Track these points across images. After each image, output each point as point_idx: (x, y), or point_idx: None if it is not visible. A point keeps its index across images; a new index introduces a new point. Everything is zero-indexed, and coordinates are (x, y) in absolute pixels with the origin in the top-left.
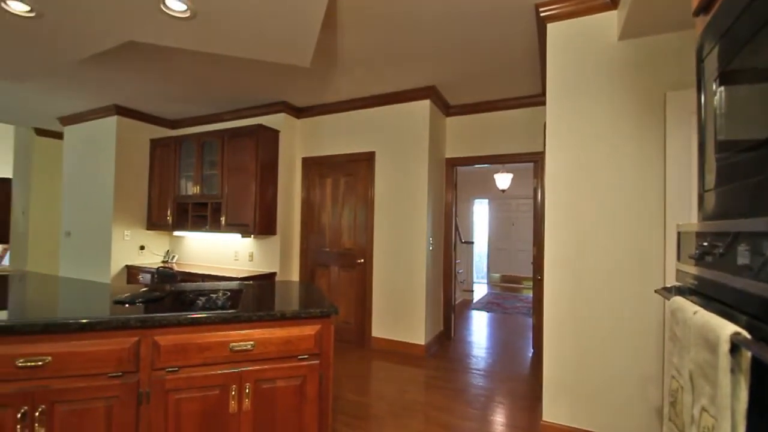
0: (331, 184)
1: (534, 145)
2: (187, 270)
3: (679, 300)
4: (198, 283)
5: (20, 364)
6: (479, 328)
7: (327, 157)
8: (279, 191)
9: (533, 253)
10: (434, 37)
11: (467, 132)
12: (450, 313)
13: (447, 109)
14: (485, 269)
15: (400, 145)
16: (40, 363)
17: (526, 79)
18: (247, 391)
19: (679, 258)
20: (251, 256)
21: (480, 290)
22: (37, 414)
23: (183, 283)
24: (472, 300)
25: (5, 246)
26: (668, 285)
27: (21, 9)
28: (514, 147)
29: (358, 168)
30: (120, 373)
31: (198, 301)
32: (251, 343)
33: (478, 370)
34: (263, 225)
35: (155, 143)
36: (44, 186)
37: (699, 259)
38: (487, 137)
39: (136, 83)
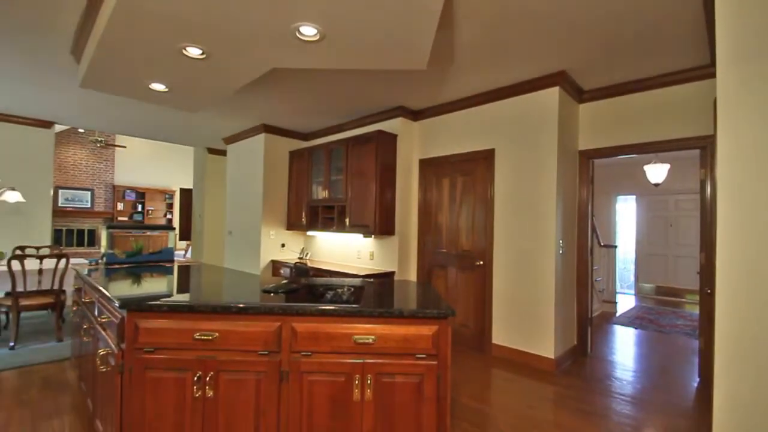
0: (448, 185)
1: (699, 127)
2: (317, 266)
3: None
4: (326, 278)
5: (197, 337)
6: (624, 346)
7: (444, 157)
8: (397, 193)
9: (700, 260)
10: (566, 16)
11: (606, 119)
12: (586, 326)
13: (580, 95)
14: (632, 278)
15: (523, 139)
16: (210, 337)
17: (685, 48)
18: (368, 382)
19: None
20: (372, 255)
21: (625, 302)
22: (207, 378)
23: (314, 278)
24: (615, 313)
25: (188, 242)
26: None
27: (196, 53)
28: (671, 131)
29: (476, 167)
30: (267, 352)
31: (327, 295)
32: (372, 337)
33: (623, 394)
34: (383, 226)
35: (293, 154)
36: (214, 194)
37: None
38: (633, 123)
39: (276, 103)
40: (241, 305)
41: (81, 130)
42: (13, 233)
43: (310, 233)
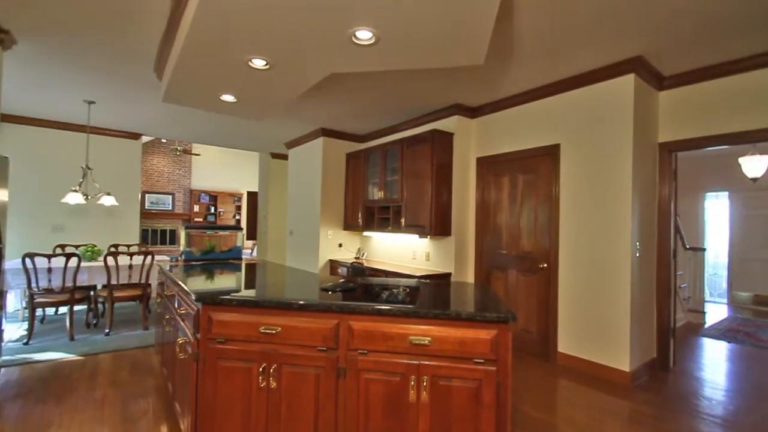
0: (507, 183)
1: None
2: (373, 266)
3: None
4: (382, 278)
5: (262, 331)
6: (714, 361)
7: (503, 155)
8: (453, 193)
9: None
10: None
11: (691, 107)
12: (667, 337)
13: (659, 81)
14: (724, 285)
15: (592, 133)
16: (273, 331)
17: None
18: (424, 384)
19: None
20: (428, 255)
21: (716, 312)
22: (271, 370)
23: (370, 278)
24: (703, 324)
25: (254, 241)
26: None
27: (260, 64)
28: None
29: (538, 164)
30: (325, 348)
31: (382, 294)
32: (428, 338)
33: (714, 416)
34: (439, 226)
35: (349, 156)
36: (277, 196)
37: None
38: (724, 110)
39: (333, 107)
40: (302, 302)
41: (163, 140)
42: (108, 233)
43: (366, 233)
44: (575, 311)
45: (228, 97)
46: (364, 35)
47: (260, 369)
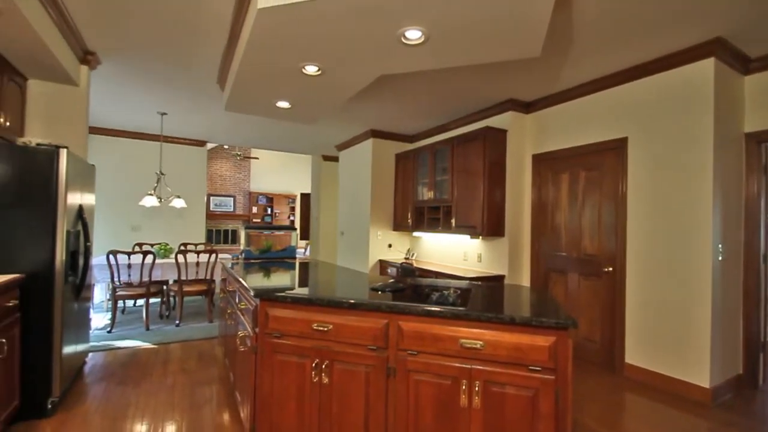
0: (567, 181)
1: None
2: (423, 267)
3: None
4: (432, 279)
5: (315, 328)
6: None
7: (562, 150)
8: (507, 192)
9: None
10: None
11: None
12: (757, 351)
13: (744, 64)
14: None
15: (665, 123)
16: (325, 329)
17: None
18: (476, 389)
19: None
20: (479, 257)
21: None
22: (324, 366)
23: (420, 278)
24: None
25: (307, 241)
26: None
27: (312, 70)
28: None
29: (602, 159)
30: (375, 347)
31: (432, 296)
32: (480, 342)
33: None
34: (491, 226)
35: (398, 157)
36: (328, 198)
37: None
38: None
39: (382, 108)
40: (352, 301)
41: (225, 147)
42: (178, 233)
43: (415, 234)
44: (645, 319)
45: (283, 103)
46: (413, 35)
47: (313, 364)
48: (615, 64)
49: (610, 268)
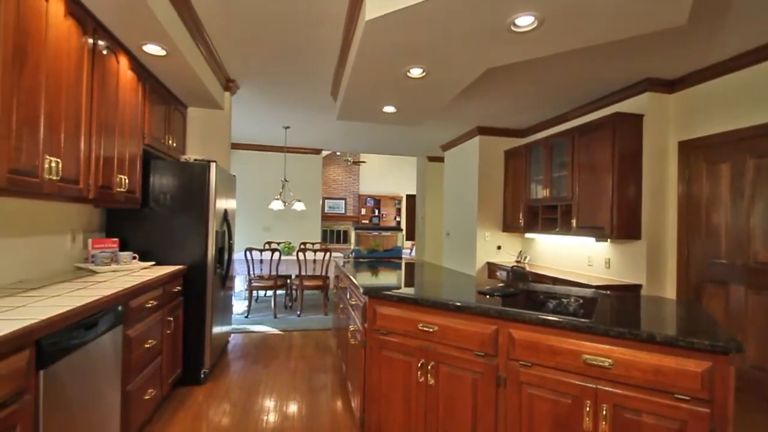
0: (728, 171)
1: None
2: (537, 271)
3: None
4: (548, 285)
5: (420, 328)
6: None
7: (719, 135)
8: (644, 187)
9: None
10: None
11: None
12: None
13: None
14: None
15: None
16: (430, 330)
17: None
18: (604, 412)
19: None
20: (607, 262)
21: None
22: (429, 367)
23: (533, 284)
24: None
25: (413, 242)
26: None
27: (417, 73)
28: None
29: None
30: (483, 354)
31: (549, 303)
32: (609, 360)
33: None
34: (623, 227)
35: (508, 153)
36: (433, 198)
37: None
38: None
39: (489, 104)
40: (458, 304)
41: (338, 153)
42: (299, 233)
43: (528, 235)
44: None
45: (389, 108)
46: (524, 21)
47: (419, 364)
48: None
49: None
